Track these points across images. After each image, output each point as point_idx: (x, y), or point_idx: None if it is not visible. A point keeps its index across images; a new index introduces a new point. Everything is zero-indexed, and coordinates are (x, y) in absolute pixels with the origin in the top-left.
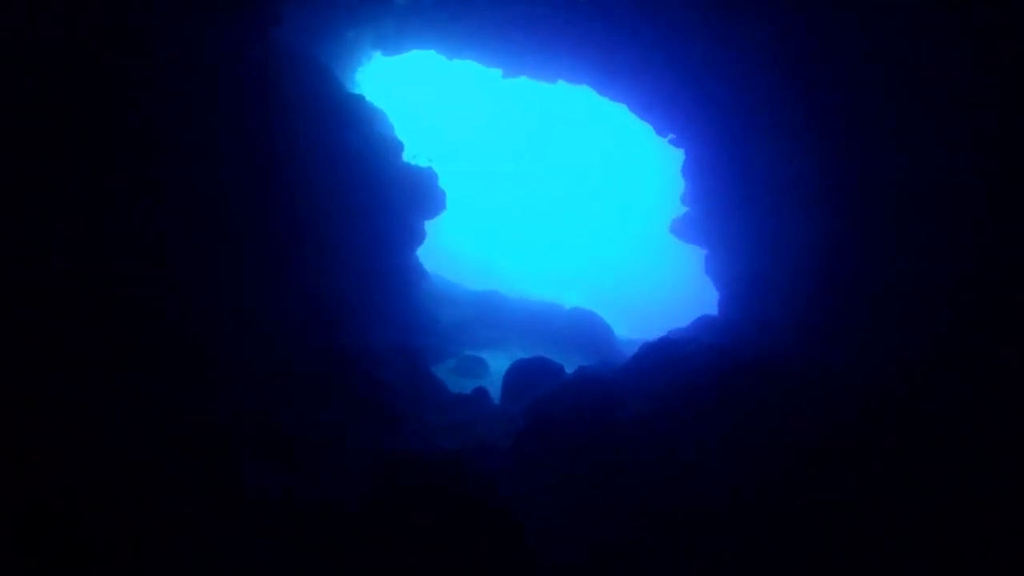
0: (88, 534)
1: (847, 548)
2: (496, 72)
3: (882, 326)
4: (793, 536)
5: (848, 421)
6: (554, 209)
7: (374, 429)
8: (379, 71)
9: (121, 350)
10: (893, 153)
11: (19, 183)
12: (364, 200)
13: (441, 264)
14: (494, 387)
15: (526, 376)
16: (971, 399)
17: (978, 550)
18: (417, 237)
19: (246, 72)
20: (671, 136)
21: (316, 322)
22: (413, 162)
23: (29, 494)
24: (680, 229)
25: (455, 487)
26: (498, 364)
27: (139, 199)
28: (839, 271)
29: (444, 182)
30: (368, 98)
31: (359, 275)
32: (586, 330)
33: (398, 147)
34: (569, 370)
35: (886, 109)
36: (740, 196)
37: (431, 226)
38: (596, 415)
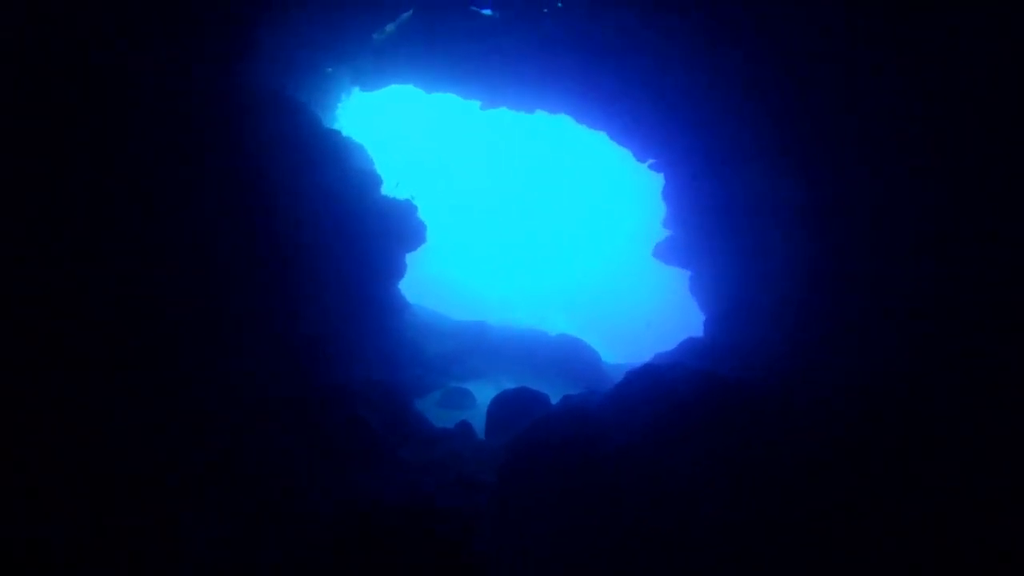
0: None
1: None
2: (474, 103)
3: (864, 345)
4: (787, 565)
5: (835, 443)
6: (538, 235)
7: (349, 472)
8: (359, 105)
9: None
10: (869, 177)
11: None
12: (342, 235)
13: (426, 294)
14: (481, 418)
15: (510, 408)
16: (955, 417)
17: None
18: (398, 270)
19: (219, 111)
20: (651, 161)
21: (293, 360)
22: (392, 195)
23: None
24: (663, 252)
25: (426, 540)
26: (485, 395)
27: (106, 240)
28: (819, 291)
29: (427, 212)
30: (347, 133)
31: (339, 311)
32: (572, 357)
33: (376, 181)
34: (555, 399)
35: (859, 133)
36: (720, 218)
37: (415, 257)
38: (580, 448)
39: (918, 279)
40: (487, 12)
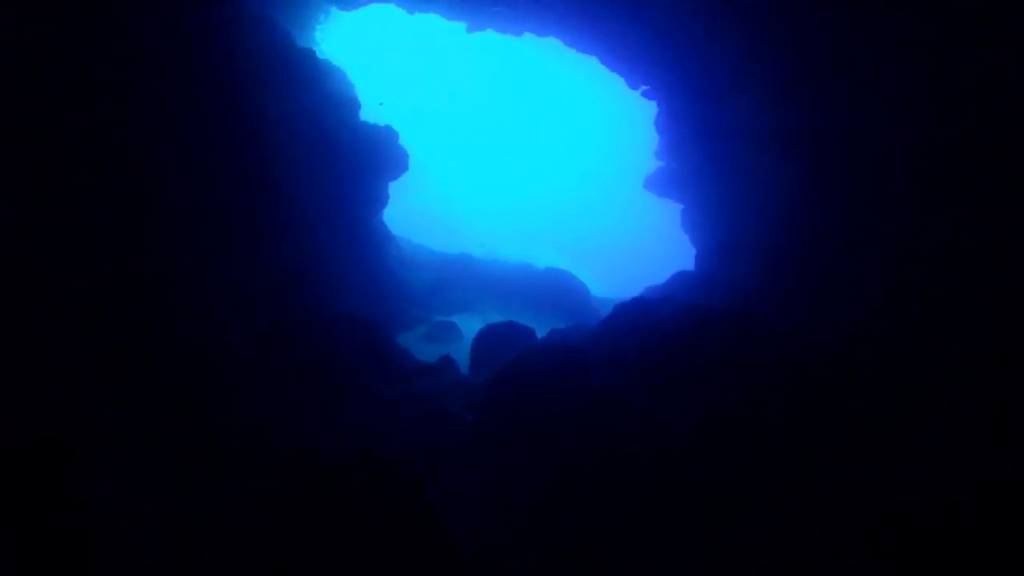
0: None
1: (837, 513)
2: (460, 26)
3: (850, 280)
4: (780, 510)
5: (826, 375)
6: (526, 166)
7: (320, 409)
8: (338, 29)
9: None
10: (863, 106)
11: None
12: (320, 162)
13: (411, 226)
14: (467, 352)
15: (495, 342)
16: (944, 348)
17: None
18: (380, 200)
19: (192, 32)
20: (644, 88)
21: (266, 293)
22: (373, 120)
23: None
24: (654, 184)
25: (388, 480)
26: (471, 328)
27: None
28: (807, 225)
29: (411, 142)
30: (326, 56)
31: (317, 242)
32: (560, 290)
33: (355, 105)
34: (542, 333)
35: (852, 60)
36: (714, 149)
37: (398, 187)
38: (563, 385)
39: (902, 217)
40: None
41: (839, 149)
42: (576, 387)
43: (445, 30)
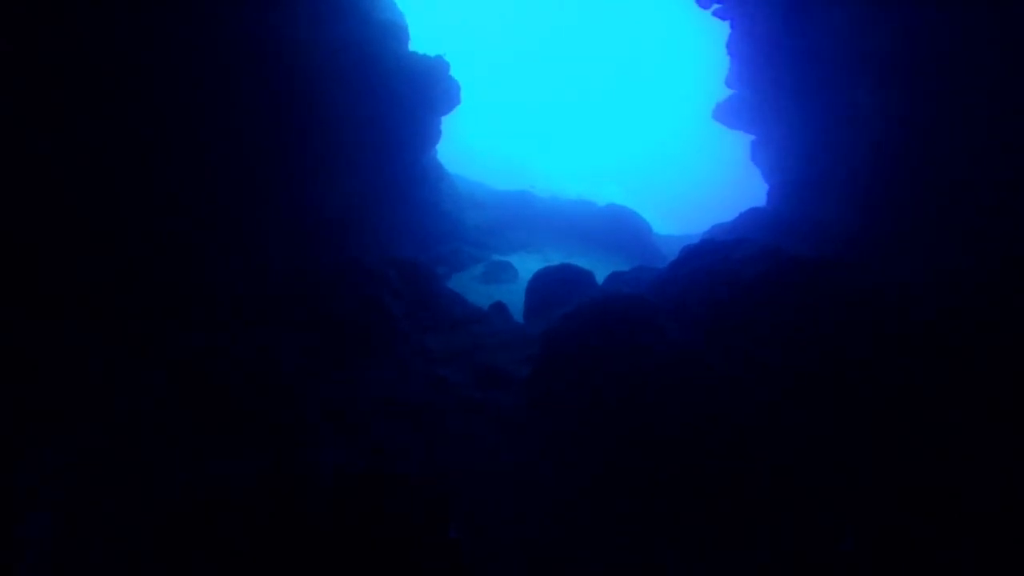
0: None
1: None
2: None
3: (955, 229)
4: (879, 503)
5: (920, 340)
6: (586, 98)
7: (356, 368)
8: None
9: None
10: (986, 25)
11: None
12: (366, 97)
13: (467, 164)
14: (523, 293)
15: (551, 288)
16: None
17: None
18: (432, 135)
19: None
20: (715, 6)
21: (308, 236)
22: (421, 52)
23: None
24: (725, 114)
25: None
26: (528, 268)
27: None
28: (905, 164)
29: (465, 74)
30: None
31: (363, 181)
32: (622, 228)
33: (403, 35)
34: (603, 274)
35: None
36: (794, 75)
37: (453, 124)
38: (624, 345)
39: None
40: None
41: (955, 77)
42: (639, 350)
43: None
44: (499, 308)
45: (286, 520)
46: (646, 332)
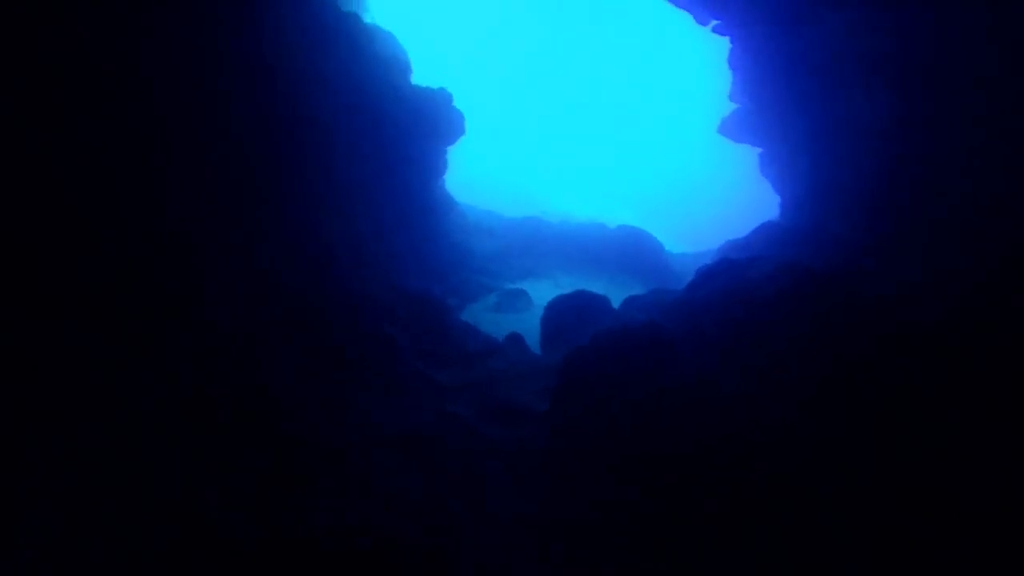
0: None
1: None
2: None
3: (955, 231)
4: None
5: (927, 345)
6: (590, 120)
7: (365, 407)
8: None
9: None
10: (977, 23)
11: None
12: (370, 131)
13: (474, 193)
14: (538, 323)
15: (567, 315)
16: None
17: None
18: (438, 167)
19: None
20: (714, 23)
21: (316, 266)
22: (424, 84)
23: None
24: (730, 128)
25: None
26: (542, 295)
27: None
28: (912, 168)
29: (469, 103)
30: (376, 21)
31: (373, 213)
32: (635, 250)
33: (405, 68)
34: (618, 298)
35: None
36: (797, 84)
37: (457, 153)
38: (642, 374)
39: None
40: None
41: (956, 76)
42: (658, 376)
43: None
44: (515, 339)
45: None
46: (663, 361)
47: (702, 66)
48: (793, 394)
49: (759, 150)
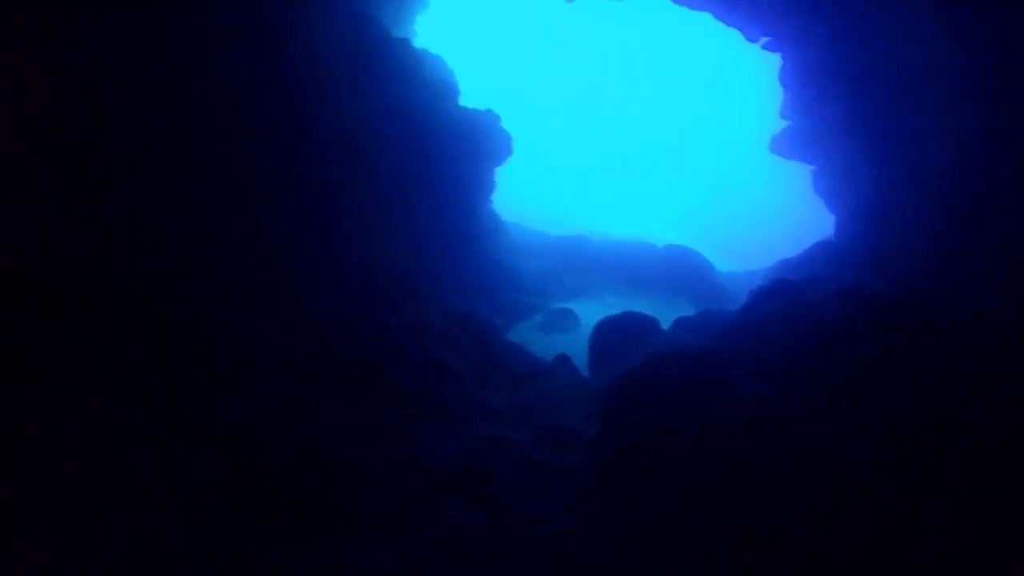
0: None
1: None
2: None
3: None
4: None
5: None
6: (639, 138)
7: (416, 433)
8: (438, 15)
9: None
10: None
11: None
12: (419, 155)
13: (521, 212)
14: (586, 342)
15: (615, 337)
16: None
17: None
18: (486, 188)
19: (277, 29)
20: (764, 40)
21: (367, 293)
22: (471, 106)
23: None
24: (781, 146)
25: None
26: (589, 314)
27: (165, 157)
28: (993, 185)
29: (517, 123)
30: (425, 45)
31: (421, 237)
32: (683, 269)
33: (453, 91)
34: (667, 318)
35: None
36: (854, 101)
37: (505, 173)
38: (697, 402)
39: None
40: None
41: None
42: (711, 405)
43: (545, 2)
44: (563, 360)
45: None
46: (718, 388)
47: (750, 82)
48: (861, 433)
49: (811, 167)
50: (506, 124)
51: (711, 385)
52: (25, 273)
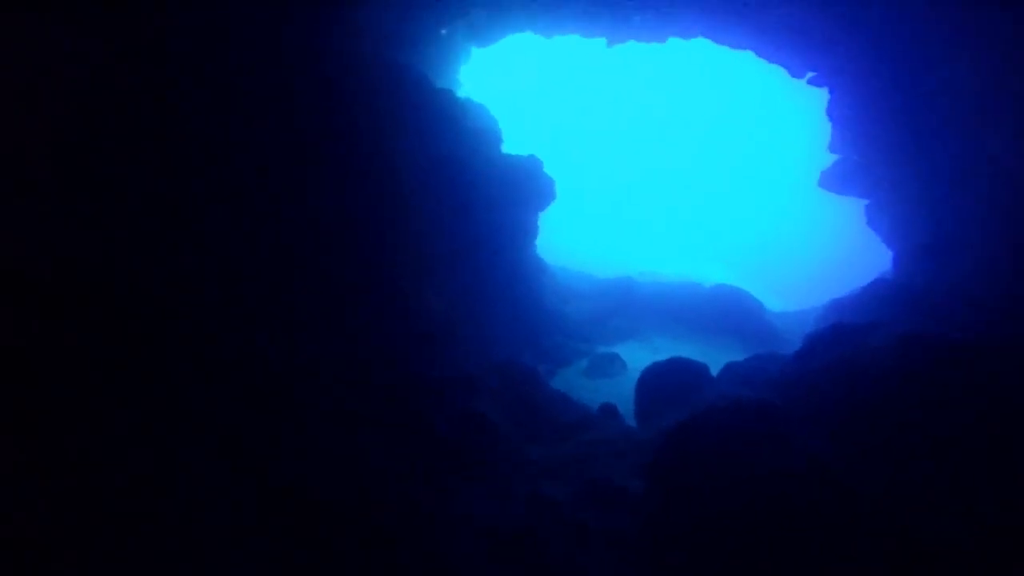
0: None
1: None
2: (600, 42)
3: None
4: None
5: None
6: (683, 177)
7: (456, 492)
8: (481, 64)
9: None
10: None
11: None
12: (462, 203)
13: (566, 255)
14: (633, 386)
15: (662, 385)
16: None
17: None
18: (529, 233)
19: (326, 82)
20: (810, 75)
21: (402, 343)
22: (514, 152)
23: None
24: (831, 181)
25: None
26: (636, 358)
27: (206, 207)
28: None
29: (561, 169)
30: (469, 94)
31: (465, 283)
32: (732, 310)
33: (496, 139)
34: (715, 361)
35: None
36: (909, 132)
37: (550, 216)
38: (750, 460)
39: None
40: None
41: None
42: (766, 463)
43: (585, 49)
44: (608, 411)
45: None
46: (773, 444)
47: (795, 117)
48: (939, 500)
49: (865, 201)
50: (551, 166)
51: (766, 440)
52: (24, 273)
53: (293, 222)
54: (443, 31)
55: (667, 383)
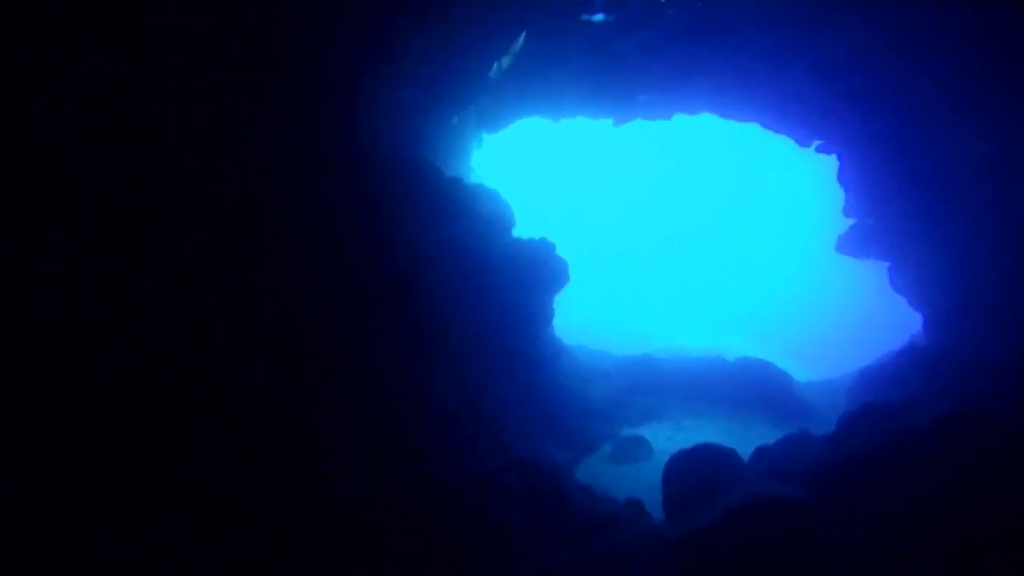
0: None
1: None
2: (607, 122)
3: None
4: None
5: None
6: (697, 252)
7: None
8: (491, 145)
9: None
10: None
11: None
12: (473, 285)
13: (584, 335)
14: (658, 472)
15: (689, 476)
16: None
17: None
18: (545, 315)
19: (329, 176)
20: (817, 143)
21: (412, 434)
22: (525, 236)
23: None
24: (849, 245)
25: None
26: (661, 438)
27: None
28: None
29: (576, 247)
30: (481, 178)
31: (479, 370)
32: (758, 384)
33: (507, 224)
34: (743, 440)
35: None
36: (927, 192)
37: (566, 297)
38: (786, 568)
39: None
40: (599, 18)
41: None
42: (803, 570)
43: (593, 131)
44: (634, 506)
45: None
46: (813, 551)
47: (806, 181)
48: None
49: (886, 264)
50: (565, 245)
51: (805, 548)
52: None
53: (305, 316)
54: (454, 119)
55: (694, 473)
